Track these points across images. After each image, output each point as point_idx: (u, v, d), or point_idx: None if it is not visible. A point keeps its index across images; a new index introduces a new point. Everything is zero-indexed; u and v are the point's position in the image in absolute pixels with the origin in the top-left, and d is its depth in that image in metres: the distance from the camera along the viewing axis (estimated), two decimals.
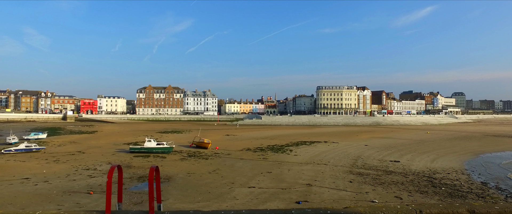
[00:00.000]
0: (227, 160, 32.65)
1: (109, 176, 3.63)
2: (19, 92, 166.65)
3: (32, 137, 52.42)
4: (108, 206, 3.42)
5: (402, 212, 3.50)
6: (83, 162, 30.50)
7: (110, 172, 3.66)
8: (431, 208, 3.48)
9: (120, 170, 3.87)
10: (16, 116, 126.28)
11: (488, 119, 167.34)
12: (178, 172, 25.92)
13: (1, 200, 17.45)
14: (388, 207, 3.62)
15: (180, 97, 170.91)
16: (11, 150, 35.86)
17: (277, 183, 22.04)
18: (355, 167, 28.97)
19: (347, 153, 38.19)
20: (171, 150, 37.38)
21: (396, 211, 3.51)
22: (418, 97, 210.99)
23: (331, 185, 21.72)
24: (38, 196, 18.52)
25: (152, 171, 3.58)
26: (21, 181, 22.22)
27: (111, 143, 47.74)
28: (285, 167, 28.58)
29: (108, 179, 3.59)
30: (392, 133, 71.62)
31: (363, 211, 3.53)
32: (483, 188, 21.38)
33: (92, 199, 18.00)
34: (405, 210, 3.54)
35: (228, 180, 23.00)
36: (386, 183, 22.57)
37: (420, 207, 3.52)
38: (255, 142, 50.08)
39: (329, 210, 3.58)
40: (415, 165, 30.20)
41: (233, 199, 17.94)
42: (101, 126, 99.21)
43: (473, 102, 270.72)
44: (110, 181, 3.60)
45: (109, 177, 3.62)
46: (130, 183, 22.18)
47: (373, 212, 3.50)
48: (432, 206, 3.54)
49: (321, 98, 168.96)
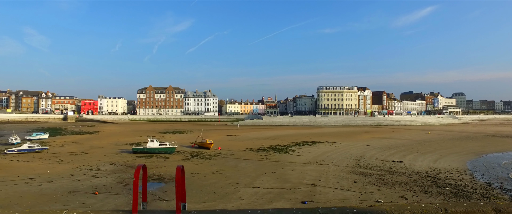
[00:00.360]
0: (230, 160, 32.68)
1: (136, 176, 3.66)
2: (20, 92, 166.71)
3: (34, 137, 52.46)
4: (135, 206, 3.45)
5: (428, 210, 3.54)
6: (86, 163, 30.53)
7: (137, 172, 3.69)
8: (456, 207, 3.52)
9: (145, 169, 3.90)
10: (17, 116, 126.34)
11: (489, 119, 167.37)
12: None
13: (7, 200, 17.48)
14: (413, 205, 3.66)
15: (181, 98, 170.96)
16: (14, 150, 35.91)
17: (281, 183, 22.07)
18: (358, 167, 29.00)
19: (350, 153, 38.22)
20: (174, 150, 37.41)
21: (421, 210, 3.54)
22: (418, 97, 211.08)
23: (335, 185, 21.75)
24: (44, 196, 18.55)
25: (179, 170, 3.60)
26: (26, 181, 22.26)
27: (113, 144, 47.78)
28: (289, 167, 28.61)
29: (135, 179, 3.61)
30: (393, 134, 71.64)
31: (388, 209, 3.57)
32: (488, 188, 21.41)
33: (97, 199, 18.03)
34: (430, 208, 3.58)
35: (233, 180, 23.03)
36: (390, 183, 22.59)
37: (445, 206, 3.55)
38: (257, 143, 50.11)
39: (355, 208, 3.62)
40: (418, 165, 30.23)
41: (239, 199, 17.97)
42: (102, 126, 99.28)
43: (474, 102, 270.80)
44: (137, 180, 3.63)
45: (136, 177, 3.65)
46: None
47: (399, 210, 3.54)
48: (457, 205, 3.58)
49: (321, 98, 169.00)
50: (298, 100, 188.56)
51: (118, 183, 22.15)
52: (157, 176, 24.46)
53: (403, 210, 3.57)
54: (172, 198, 18.46)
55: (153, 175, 24.98)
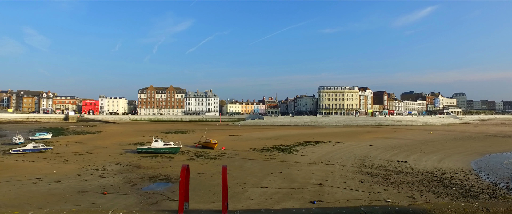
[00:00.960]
0: (236, 160, 32.76)
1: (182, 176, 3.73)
2: (21, 92, 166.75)
3: (38, 137, 52.53)
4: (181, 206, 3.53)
5: (469, 209, 3.62)
6: (91, 163, 30.59)
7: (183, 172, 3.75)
8: (497, 206, 3.60)
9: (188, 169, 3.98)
10: (18, 116, 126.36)
11: (490, 119, 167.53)
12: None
13: (18, 200, 17.57)
14: (453, 204, 3.74)
15: (182, 98, 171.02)
16: (19, 150, 35.97)
17: (288, 183, 22.16)
18: (363, 167, 29.09)
19: (353, 153, 38.30)
20: (179, 150, 37.49)
21: (462, 209, 3.63)
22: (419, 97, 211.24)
23: (342, 185, 21.84)
24: (53, 196, 18.62)
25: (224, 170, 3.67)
26: (33, 181, 22.33)
27: (117, 144, 47.84)
28: (294, 167, 28.69)
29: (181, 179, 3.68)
30: (395, 134, 71.73)
31: (430, 208, 3.65)
32: (494, 188, 21.49)
33: (107, 199, 18.10)
34: (471, 207, 3.66)
35: (240, 180, 23.11)
36: (397, 183, 22.68)
37: (486, 205, 3.64)
38: (260, 142, 50.19)
39: (397, 207, 3.70)
40: (422, 165, 30.31)
41: (248, 199, 18.05)
42: (104, 126, 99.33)
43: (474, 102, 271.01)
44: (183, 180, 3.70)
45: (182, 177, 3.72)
46: (142, 184, 22.28)
47: (440, 209, 3.62)
48: (497, 204, 3.66)
49: (322, 98, 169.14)
50: (299, 100, 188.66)
51: (125, 183, 22.22)
52: (164, 176, 24.53)
53: (444, 209, 3.65)
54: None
55: (160, 175, 25.08)
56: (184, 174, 3.68)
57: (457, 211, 3.62)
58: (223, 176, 3.66)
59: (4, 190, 19.71)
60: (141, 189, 20.74)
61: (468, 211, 3.62)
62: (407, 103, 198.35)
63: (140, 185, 21.67)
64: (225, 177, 3.66)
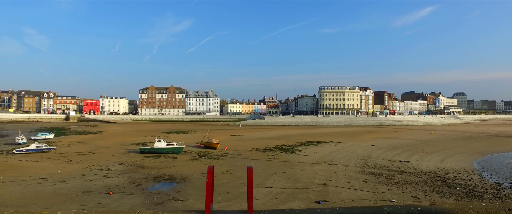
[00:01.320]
0: (238, 160, 32.84)
1: (209, 176, 3.80)
2: (22, 92, 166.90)
3: (40, 137, 52.61)
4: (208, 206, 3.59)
5: (491, 210, 3.69)
6: (95, 163, 30.66)
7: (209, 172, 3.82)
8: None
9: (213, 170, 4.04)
10: (19, 116, 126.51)
11: (490, 119, 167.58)
12: (192, 173, 26.12)
13: (24, 200, 17.63)
14: (474, 204, 3.81)
15: (182, 98, 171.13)
16: (22, 150, 36.05)
17: (293, 183, 22.23)
18: (366, 167, 29.15)
19: (356, 153, 38.37)
20: (181, 150, 37.55)
21: (484, 209, 3.69)
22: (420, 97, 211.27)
23: (346, 185, 21.90)
24: (59, 196, 18.69)
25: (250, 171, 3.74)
26: (39, 181, 22.39)
27: (119, 144, 47.91)
28: (297, 167, 28.76)
29: (208, 180, 3.75)
30: (396, 134, 71.79)
31: (452, 208, 3.71)
32: (498, 188, 21.55)
33: (113, 199, 18.17)
34: (493, 208, 3.73)
35: (244, 180, 23.12)
36: (400, 183, 22.74)
37: (508, 206, 3.70)
38: (262, 142, 50.26)
39: (419, 207, 3.77)
40: (425, 165, 30.37)
41: (253, 199, 18.08)
42: (105, 126, 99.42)
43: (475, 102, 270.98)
44: (209, 181, 3.76)
45: (208, 178, 3.79)
46: (147, 184, 22.34)
47: (462, 209, 3.69)
48: None
49: (323, 98, 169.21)
50: (299, 100, 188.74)
51: (130, 183, 22.29)
52: (168, 176, 24.61)
53: (466, 209, 3.71)
54: (187, 198, 18.63)
55: (164, 175, 25.14)
56: (211, 174, 3.74)
57: (479, 211, 3.68)
58: (249, 177, 3.73)
59: (9, 190, 19.78)
60: (146, 189, 20.79)
61: (490, 211, 3.68)
62: (408, 103, 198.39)
63: (145, 185, 21.73)
64: (251, 178, 3.72)
